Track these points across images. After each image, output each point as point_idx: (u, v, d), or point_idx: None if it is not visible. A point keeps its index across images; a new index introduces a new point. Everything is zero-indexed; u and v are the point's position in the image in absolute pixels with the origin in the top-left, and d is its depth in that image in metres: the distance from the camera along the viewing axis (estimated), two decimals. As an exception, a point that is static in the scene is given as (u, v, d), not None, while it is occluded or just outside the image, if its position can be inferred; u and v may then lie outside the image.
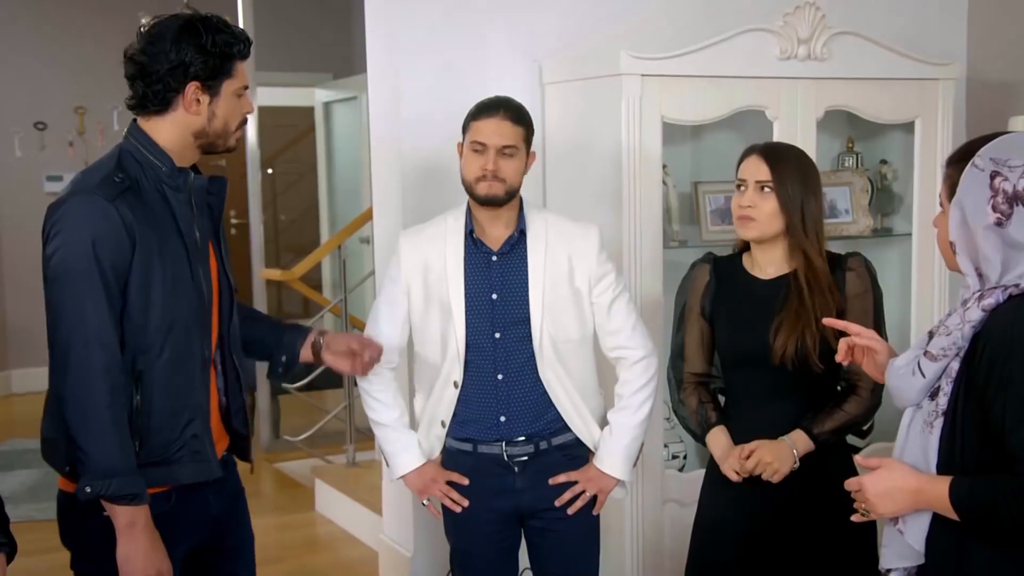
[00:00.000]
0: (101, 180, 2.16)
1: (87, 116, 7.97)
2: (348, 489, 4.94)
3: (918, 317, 3.94)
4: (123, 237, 2.12)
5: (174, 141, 2.25)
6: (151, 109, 2.23)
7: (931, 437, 1.89)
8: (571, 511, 2.70)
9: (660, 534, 3.53)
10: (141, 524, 2.16)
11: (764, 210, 2.58)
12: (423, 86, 3.61)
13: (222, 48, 2.22)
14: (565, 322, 2.67)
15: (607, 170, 3.43)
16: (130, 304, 2.16)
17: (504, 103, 2.69)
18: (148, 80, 2.21)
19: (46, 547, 3.21)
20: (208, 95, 2.23)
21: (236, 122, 2.31)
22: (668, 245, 3.59)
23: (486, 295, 2.67)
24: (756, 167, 2.59)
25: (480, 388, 2.69)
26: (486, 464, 2.72)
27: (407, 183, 3.64)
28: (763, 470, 2.58)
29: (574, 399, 2.70)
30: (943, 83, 3.89)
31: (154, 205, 2.20)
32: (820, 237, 2.61)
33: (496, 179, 2.61)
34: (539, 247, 2.67)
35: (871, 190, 4.06)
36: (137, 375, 2.18)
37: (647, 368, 2.73)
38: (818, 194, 2.62)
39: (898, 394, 2.00)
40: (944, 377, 1.89)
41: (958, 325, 1.86)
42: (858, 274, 2.63)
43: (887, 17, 4.16)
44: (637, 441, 2.74)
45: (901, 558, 1.99)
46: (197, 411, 2.27)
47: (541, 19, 3.73)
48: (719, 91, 3.52)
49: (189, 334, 2.24)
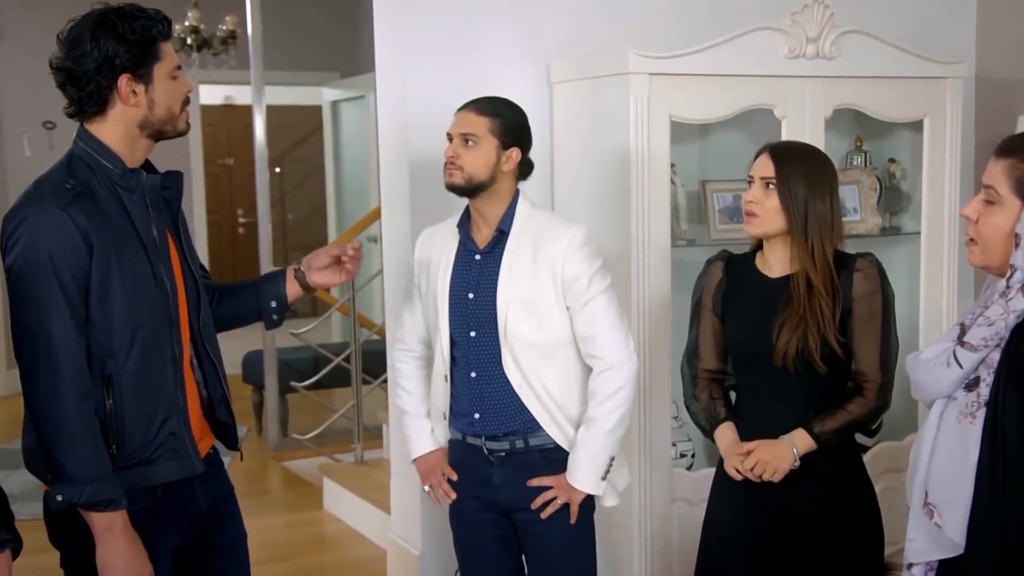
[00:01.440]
0: (53, 188, 2.14)
1: (96, 115, 7.98)
2: (356, 487, 4.95)
3: (926, 316, 3.94)
4: (79, 244, 2.11)
5: (121, 138, 2.23)
6: (90, 112, 2.22)
7: (972, 427, 1.88)
8: (543, 515, 2.68)
9: (668, 533, 3.53)
10: (118, 529, 2.15)
11: (766, 206, 2.58)
12: (431, 85, 3.61)
13: (142, 34, 2.18)
14: (532, 324, 2.64)
15: (615, 169, 3.43)
16: (92, 309, 2.15)
17: (482, 98, 2.72)
18: (79, 84, 2.19)
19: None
20: (142, 84, 2.21)
21: (179, 104, 2.27)
22: (676, 244, 3.59)
23: (464, 294, 2.70)
24: (764, 164, 2.61)
25: (460, 384, 2.74)
26: (471, 455, 2.76)
27: (415, 182, 3.65)
28: (763, 469, 2.58)
29: (546, 403, 2.67)
30: (951, 82, 3.88)
31: (108, 208, 2.18)
32: (827, 238, 2.58)
33: (454, 166, 2.64)
34: (513, 248, 2.66)
35: (879, 189, 4.05)
36: (107, 379, 2.17)
37: (613, 378, 2.63)
38: (827, 195, 2.58)
39: (926, 387, 1.98)
40: (983, 367, 1.88)
41: (1001, 315, 1.84)
42: (866, 275, 2.60)
43: (895, 16, 4.16)
44: (602, 453, 2.64)
45: (937, 550, 1.98)
46: (173, 409, 2.25)
47: (549, 18, 3.73)
48: (727, 90, 3.52)
49: (156, 334, 2.23)
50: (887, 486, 3.60)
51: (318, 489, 5.32)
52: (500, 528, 2.79)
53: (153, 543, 2.24)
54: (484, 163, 2.63)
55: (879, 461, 3.77)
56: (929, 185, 3.90)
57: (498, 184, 2.66)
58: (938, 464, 1.99)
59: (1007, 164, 1.91)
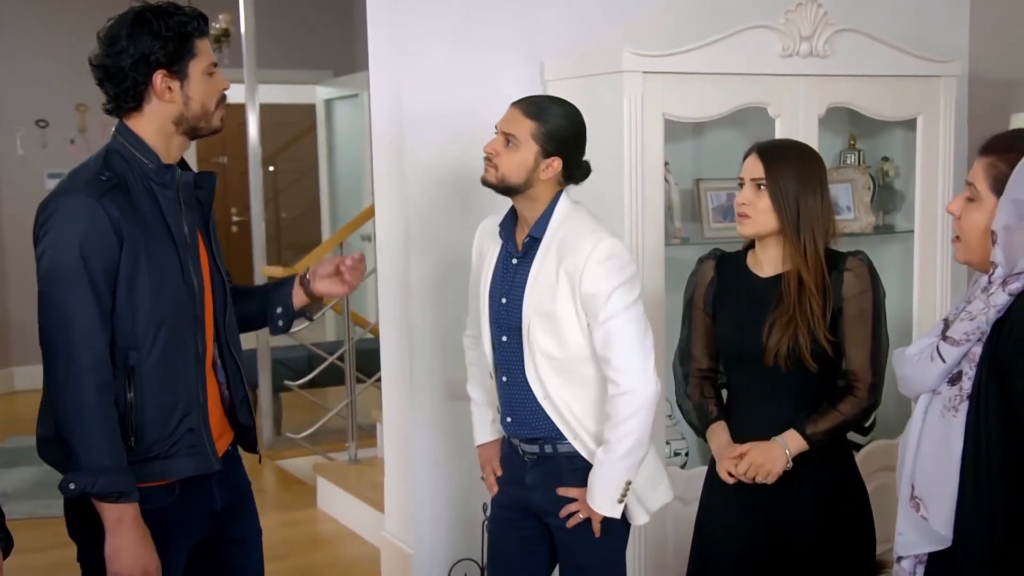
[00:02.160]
0: (88, 179, 2.18)
1: (88, 114, 7.97)
2: (350, 486, 4.95)
3: (920, 314, 3.94)
4: (110, 235, 2.14)
5: (157, 134, 2.26)
6: (127, 108, 2.26)
7: (955, 421, 1.89)
8: (568, 525, 2.65)
9: (663, 531, 3.53)
10: (129, 521, 2.17)
11: (758, 207, 2.58)
12: (424, 84, 3.61)
13: (177, 30, 2.22)
14: (553, 337, 2.57)
15: (609, 167, 3.43)
16: (119, 301, 2.17)
17: (534, 97, 2.66)
18: (115, 80, 2.23)
19: (49, 544, 3.22)
20: (177, 80, 2.24)
21: (214, 101, 2.30)
22: (670, 242, 3.59)
23: (499, 297, 2.67)
24: (752, 165, 2.60)
25: (498, 385, 2.73)
26: (512, 454, 2.76)
27: (409, 181, 3.64)
28: (755, 472, 2.58)
29: (567, 417, 2.61)
30: (945, 80, 3.89)
31: (141, 202, 2.21)
32: (819, 236, 2.57)
33: (490, 163, 2.59)
34: (542, 256, 2.60)
35: (873, 187, 4.06)
36: (129, 371, 2.19)
37: (628, 403, 2.52)
38: (818, 191, 2.57)
39: (912, 382, 2.01)
40: (966, 361, 1.90)
41: (982, 310, 1.86)
42: (856, 274, 2.59)
43: (889, 14, 4.16)
44: (615, 478, 2.56)
45: (925, 543, 2.00)
46: (192, 405, 2.27)
47: (543, 17, 3.73)
48: (721, 88, 3.52)
49: (180, 329, 2.25)
50: (881, 484, 3.61)
51: (312, 488, 5.32)
52: (526, 528, 2.76)
53: (169, 542, 2.26)
54: (520, 167, 2.55)
55: (873, 459, 3.77)
56: (922, 183, 3.91)
57: (535, 189, 2.58)
58: (923, 458, 2.01)
59: (986, 162, 1.94)
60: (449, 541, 3.77)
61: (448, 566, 3.75)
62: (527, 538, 2.78)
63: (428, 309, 3.67)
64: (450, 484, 3.74)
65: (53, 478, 2.22)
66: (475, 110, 3.46)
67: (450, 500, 3.76)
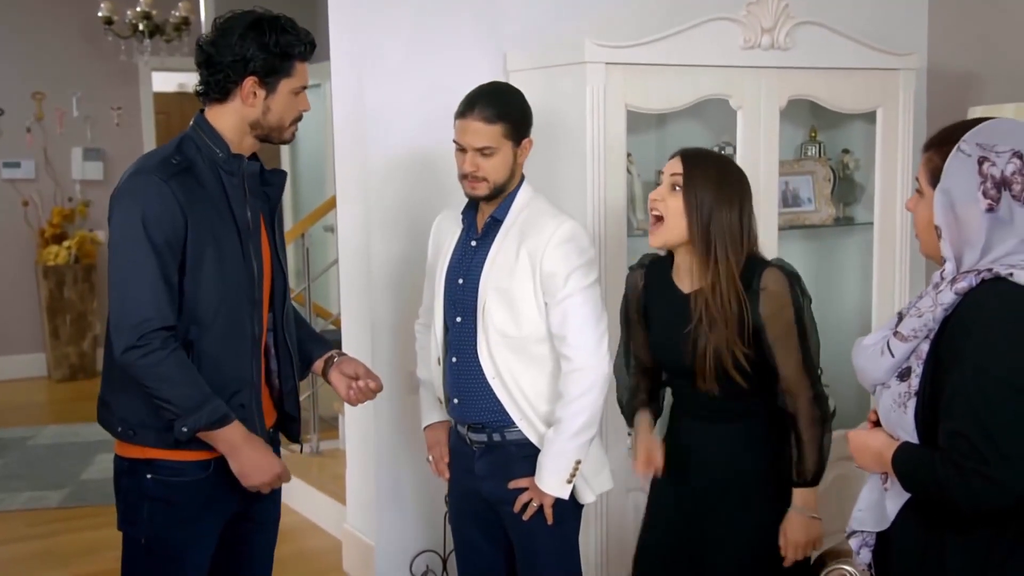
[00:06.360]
0: (158, 162, 2.30)
1: (45, 102, 7.87)
2: (312, 478, 4.92)
3: (879, 305, 3.98)
4: (177, 213, 2.25)
5: (233, 129, 2.39)
6: (212, 96, 2.38)
7: (905, 417, 1.91)
8: (525, 517, 2.67)
9: (624, 522, 3.54)
10: (240, 439, 2.32)
11: (670, 206, 2.50)
12: (386, 74, 3.59)
13: (284, 48, 2.36)
14: (508, 315, 2.62)
15: (571, 159, 3.43)
16: (185, 280, 2.28)
17: (481, 99, 2.63)
18: (212, 69, 2.36)
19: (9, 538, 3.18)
20: (265, 90, 2.37)
21: (291, 118, 2.44)
22: (632, 233, 3.59)
23: (456, 279, 2.71)
24: (674, 164, 2.54)
25: (446, 368, 2.76)
26: (459, 443, 2.81)
27: (370, 171, 3.62)
28: (807, 551, 2.54)
29: (517, 397, 2.65)
30: (904, 73, 3.92)
31: (208, 186, 2.33)
32: (732, 251, 2.47)
33: (476, 179, 2.63)
34: (503, 236, 2.66)
35: (834, 179, 4.09)
36: (188, 345, 2.29)
37: (580, 380, 2.58)
38: (735, 206, 2.49)
39: (864, 373, 2.04)
40: (914, 358, 1.91)
41: (930, 307, 1.88)
42: (770, 293, 2.47)
43: (850, 8, 4.19)
44: (566, 456, 2.60)
45: (873, 522, 2.04)
46: (245, 383, 2.38)
47: (506, 7, 3.72)
48: (683, 80, 3.53)
49: (239, 310, 2.36)
50: (840, 474, 3.64)
51: (273, 480, 5.28)
52: (483, 515, 2.80)
53: (202, 517, 2.37)
54: (505, 167, 2.65)
55: (832, 449, 3.79)
56: (881, 176, 3.94)
57: (515, 175, 2.69)
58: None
59: (926, 156, 1.97)
60: (411, 533, 3.77)
61: (410, 558, 3.75)
62: (486, 527, 2.80)
63: (390, 302, 3.66)
64: (412, 476, 3.73)
65: (14, 471, 2.22)
66: (437, 101, 3.43)
67: (412, 492, 3.76)
